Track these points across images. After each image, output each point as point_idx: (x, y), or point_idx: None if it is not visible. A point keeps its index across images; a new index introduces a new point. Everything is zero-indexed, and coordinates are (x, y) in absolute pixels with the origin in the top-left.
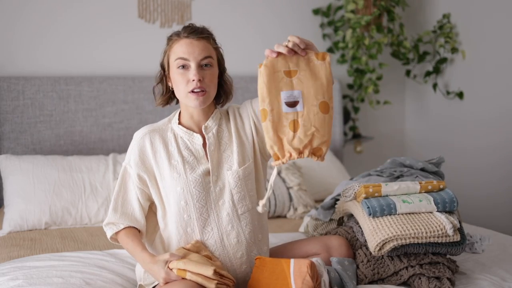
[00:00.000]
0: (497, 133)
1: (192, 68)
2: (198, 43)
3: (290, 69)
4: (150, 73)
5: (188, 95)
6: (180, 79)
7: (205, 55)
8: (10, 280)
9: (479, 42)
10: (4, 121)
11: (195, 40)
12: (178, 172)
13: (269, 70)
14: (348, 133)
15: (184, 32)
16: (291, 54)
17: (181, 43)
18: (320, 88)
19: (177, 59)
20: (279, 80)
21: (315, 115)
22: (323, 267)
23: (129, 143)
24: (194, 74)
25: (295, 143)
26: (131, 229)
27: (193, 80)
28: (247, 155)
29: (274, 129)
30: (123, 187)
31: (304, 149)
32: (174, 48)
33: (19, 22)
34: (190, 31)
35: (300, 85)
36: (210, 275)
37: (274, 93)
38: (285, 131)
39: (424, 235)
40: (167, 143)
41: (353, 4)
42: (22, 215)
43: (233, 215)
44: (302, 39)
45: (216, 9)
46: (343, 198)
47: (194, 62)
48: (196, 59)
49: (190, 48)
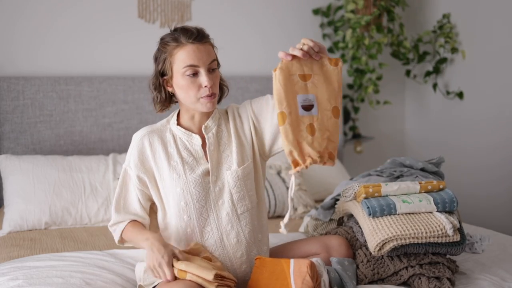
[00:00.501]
0: (497, 133)
1: (203, 74)
2: (204, 48)
3: (305, 72)
4: (150, 73)
5: (200, 101)
6: (190, 86)
7: (212, 59)
8: (10, 280)
9: (479, 42)
10: (4, 121)
11: (201, 45)
12: (178, 173)
13: (284, 73)
14: (348, 133)
15: (186, 37)
16: (305, 57)
17: (187, 49)
18: (333, 93)
19: (186, 67)
20: (295, 83)
21: (329, 119)
22: (323, 267)
23: (129, 143)
24: (207, 80)
25: (316, 146)
26: (136, 222)
27: (205, 86)
28: (246, 155)
29: (294, 132)
30: (124, 189)
31: (324, 152)
32: (179, 55)
33: (19, 22)
34: (193, 36)
35: (314, 89)
36: (211, 279)
37: (291, 96)
38: (303, 135)
39: (424, 235)
40: (166, 144)
41: (353, 4)
42: (22, 215)
43: (232, 215)
44: (316, 43)
45: (216, 9)
46: (343, 198)
47: (204, 68)
48: (206, 64)
49: (198, 54)
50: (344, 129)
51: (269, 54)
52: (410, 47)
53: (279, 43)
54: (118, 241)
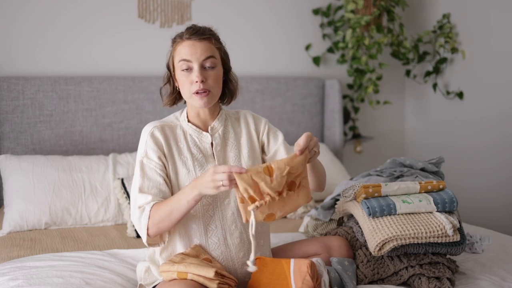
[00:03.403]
0: (496, 133)
1: (195, 69)
2: (200, 44)
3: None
4: (150, 73)
5: (193, 96)
6: (184, 81)
7: (207, 55)
8: (10, 280)
9: (479, 42)
10: (4, 121)
11: (197, 42)
12: (188, 168)
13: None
14: (348, 133)
15: (186, 33)
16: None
17: (183, 44)
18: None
19: (180, 61)
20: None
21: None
22: (323, 267)
23: (129, 143)
24: (196, 75)
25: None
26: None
27: (196, 81)
28: (258, 162)
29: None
30: (144, 176)
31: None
32: (177, 50)
33: (19, 22)
34: (192, 32)
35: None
36: (212, 276)
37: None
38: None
39: (424, 235)
40: (177, 139)
41: (353, 4)
42: (22, 215)
43: (237, 215)
44: (307, 142)
45: (216, 9)
46: (343, 198)
47: (197, 64)
48: (199, 60)
49: (192, 49)
50: (344, 129)
51: (269, 54)
52: (410, 47)
53: (279, 43)
54: (147, 235)
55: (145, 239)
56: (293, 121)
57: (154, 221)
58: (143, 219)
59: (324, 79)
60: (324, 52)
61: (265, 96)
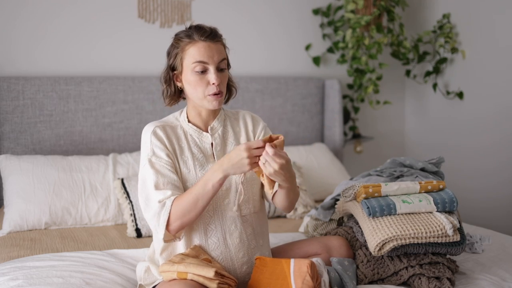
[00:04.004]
0: (496, 133)
1: (211, 71)
2: (215, 46)
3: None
4: (150, 73)
5: (207, 98)
6: (198, 82)
7: (222, 57)
8: (10, 280)
9: (479, 42)
10: (4, 121)
11: (213, 44)
12: (188, 167)
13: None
14: (348, 133)
15: (199, 35)
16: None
17: (198, 46)
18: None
19: (195, 63)
20: None
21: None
22: (323, 267)
23: (129, 143)
24: (215, 78)
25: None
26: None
27: (213, 83)
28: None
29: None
30: (158, 173)
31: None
32: (190, 51)
33: (19, 22)
34: (206, 34)
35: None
36: (212, 276)
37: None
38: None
39: (424, 235)
40: (178, 139)
41: (353, 4)
42: (22, 215)
43: (237, 215)
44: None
45: (216, 9)
46: (343, 198)
47: (213, 66)
48: (215, 62)
49: (209, 51)
50: (344, 129)
51: (269, 54)
52: (410, 47)
53: (279, 43)
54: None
55: (163, 235)
56: (293, 121)
57: (176, 215)
58: (163, 214)
59: (324, 79)
60: (324, 52)
61: (265, 96)
